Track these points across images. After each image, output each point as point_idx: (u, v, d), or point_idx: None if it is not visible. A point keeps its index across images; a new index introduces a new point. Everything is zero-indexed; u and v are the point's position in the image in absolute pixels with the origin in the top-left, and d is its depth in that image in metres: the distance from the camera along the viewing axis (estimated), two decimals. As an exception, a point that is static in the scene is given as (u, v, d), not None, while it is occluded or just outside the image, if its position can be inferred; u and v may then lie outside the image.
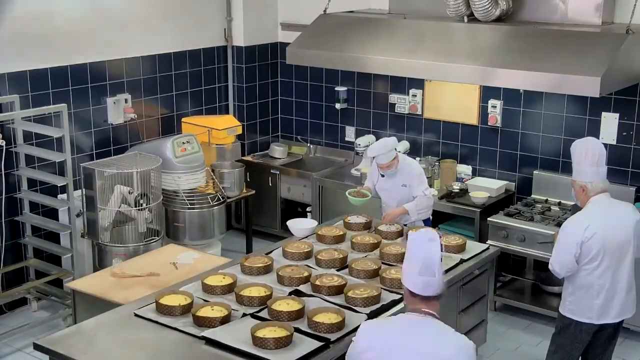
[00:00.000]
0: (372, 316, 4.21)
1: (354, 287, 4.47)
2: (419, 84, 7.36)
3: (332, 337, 3.99)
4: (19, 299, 6.51)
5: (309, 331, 4.05)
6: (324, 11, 6.95)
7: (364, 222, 5.63)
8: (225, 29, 7.97)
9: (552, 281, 6.39)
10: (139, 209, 6.20)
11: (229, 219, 7.53)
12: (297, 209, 7.89)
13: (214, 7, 7.84)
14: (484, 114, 7.08)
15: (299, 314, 4.18)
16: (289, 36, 7.86)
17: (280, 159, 8.09)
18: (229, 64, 8.07)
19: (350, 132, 8.00)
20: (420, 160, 7.06)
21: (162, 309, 4.28)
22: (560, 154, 6.74)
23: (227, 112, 8.16)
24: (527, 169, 6.97)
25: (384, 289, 4.52)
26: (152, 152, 6.59)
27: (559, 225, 5.64)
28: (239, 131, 7.65)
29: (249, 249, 7.59)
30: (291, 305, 4.23)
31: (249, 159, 8.09)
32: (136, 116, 7.11)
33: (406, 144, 7.46)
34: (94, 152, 6.89)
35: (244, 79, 8.08)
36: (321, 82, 8.08)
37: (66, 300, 6.19)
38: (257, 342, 3.89)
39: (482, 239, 6.38)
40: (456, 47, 6.20)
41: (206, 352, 3.95)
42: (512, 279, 6.88)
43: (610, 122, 6.47)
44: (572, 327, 4.69)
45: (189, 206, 6.71)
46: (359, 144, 7.59)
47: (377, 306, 4.33)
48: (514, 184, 7.04)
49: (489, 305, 5.96)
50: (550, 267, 4.71)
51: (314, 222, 5.74)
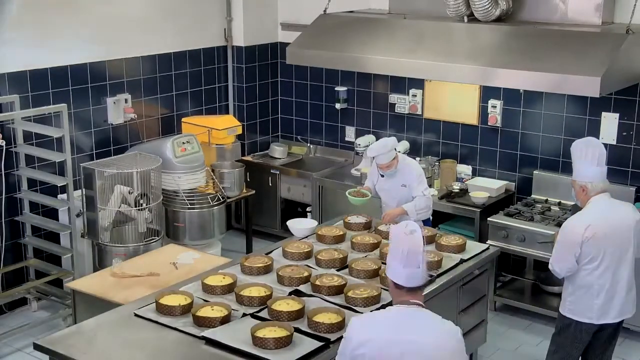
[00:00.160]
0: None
1: (354, 287, 4.47)
2: (419, 84, 7.36)
3: (332, 337, 3.99)
4: (19, 299, 6.51)
5: (309, 331, 4.05)
6: (324, 11, 6.95)
7: (364, 222, 5.62)
8: (225, 29, 7.97)
9: (552, 281, 6.39)
10: (139, 209, 6.19)
11: (229, 219, 7.52)
12: (297, 209, 7.89)
13: (214, 7, 7.84)
14: (484, 114, 7.08)
15: (299, 314, 4.18)
16: (289, 36, 7.86)
17: (280, 159, 8.09)
18: (229, 64, 8.07)
19: (350, 132, 8.00)
20: (420, 160, 7.06)
21: (162, 309, 4.28)
22: (560, 154, 6.74)
23: (227, 112, 8.16)
24: (527, 169, 6.96)
25: (384, 289, 4.49)
26: (152, 152, 6.59)
27: (559, 225, 5.64)
28: (239, 131, 7.65)
29: (249, 249, 7.59)
30: (291, 305, 4.23)
31: (249, 159, 8.09)
32: (136, 116, 7.11)
33: (406, 144, 7.45)
34: (94, 152, 6.89)
35: (244, 79, 8.08)
36: (321, 82, 8.08)
37: (66, 300, 6.19)
38: (257, 342, 3.89)
39: (482, 239, 6.38)
40: (456, 47, 6.20)
41: (206, 352, 3.95)
42: (512, 279, 6.88)
43: (610, 122, 6.47)
44: (572, 327, 4.69)
45: (189, 206, 6.71)
46: (359, 144, 7.59)
47: (377, 306, 4.32)
48: (514, 184, 7.04)
49: (489, 305, 5.96)
50: (550, 267, 4.71)
51: (314, 222, 5.74)
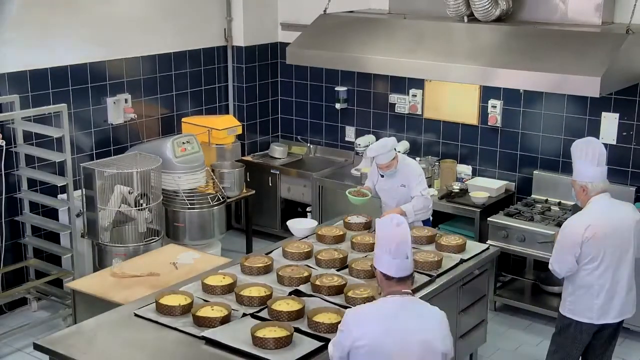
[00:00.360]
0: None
1: (354, 287, 4.47)
2: (419, 84, 7.36)
3: (332, 337, 3.98)
4: (19, 299, 6.51)
5: (309, 331, 4.05)
6: (324, 11, 6.95)
7: (364, 222, 5.63)
8: (225, 29, 7.96)
9: (552, 281, 6.39)
10: (139, 209, 6.19)
11: (229, 219, 7.52)
12: (297, 209, 7.88)
13: (214, 7, 7.84)
14: (484, 114, 7.08)
15: (299, 314, 4.18)
16: (289, 36, 7.86)
17: (280, 159, 8.09)
18: (229, 64, 8.07)
19: (350, 132, 8.00)
20: (420, 160, 7.06)
21: (162, 309, 4.28)
22: (560, 154, 6.74)
23: (227, 112, 8.16)
24: (527, 169, 6.96)
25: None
26: (152, 152, 6.59)
27: (559, 225, 5.65)
28: (239, 131, 7.65)
29: (249, 249, 7.59)
30: (291, 305, 4.23)
31: (249, 159, 8.09)
32: (136, 116, 7.11)
33: (406, 144, 7.46)
34: (94, 152, 6.89)
35: (244, 79, 8.08)
36: (321, 82, 8.08)
37: (66, 300, 6.19)
38: (257, 342, 3.89)
39: (482, 239, 6.38)
40: (456, 47, 6.20)
41: (206, 352, 3.95)
42: (512, 279, 6.88)
43: (610, 122, 6.47)
44: (572, 327, 4.69)
45: (189, 206, 6.71)
46: (359, 144, 7.59)
47: (377, 306, 4.33)
48: (514, 184, 7.04)
49: (489, 305, 5.95)
50: (550, 267, 4.71)
51: (314, 222, 5.74)
